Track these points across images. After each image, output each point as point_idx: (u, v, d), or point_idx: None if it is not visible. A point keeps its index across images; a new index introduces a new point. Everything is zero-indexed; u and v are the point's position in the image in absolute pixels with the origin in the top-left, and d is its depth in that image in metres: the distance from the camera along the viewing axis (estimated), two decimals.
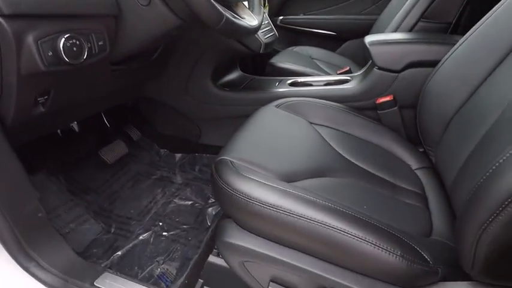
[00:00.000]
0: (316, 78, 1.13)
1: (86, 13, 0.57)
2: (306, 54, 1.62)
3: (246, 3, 0.81)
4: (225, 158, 0.63)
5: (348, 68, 1.19)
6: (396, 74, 0.88)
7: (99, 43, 0.61)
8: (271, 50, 1.14)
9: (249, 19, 0.68)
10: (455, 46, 0.74)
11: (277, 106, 0.88)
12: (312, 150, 0.74)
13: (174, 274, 0.85)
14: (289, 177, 0.62)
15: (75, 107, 0.81)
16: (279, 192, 0.53)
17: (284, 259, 0.54)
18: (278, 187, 0.54)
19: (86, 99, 0.79)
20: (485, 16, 0.69)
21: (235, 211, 0.56)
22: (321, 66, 1.53)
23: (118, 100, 1.02)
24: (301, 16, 1.79)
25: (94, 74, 0.69)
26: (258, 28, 0.68)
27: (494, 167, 0.41)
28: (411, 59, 0.86)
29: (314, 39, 1.81)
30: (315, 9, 1.79)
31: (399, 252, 0.47)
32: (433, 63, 0.82)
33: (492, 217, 0.38)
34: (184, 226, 1.00)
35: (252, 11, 0.75)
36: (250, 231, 0.57)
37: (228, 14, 0.59)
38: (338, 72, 1.20)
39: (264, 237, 0.56)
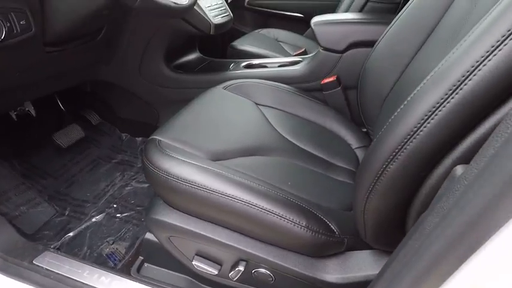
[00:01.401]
0: (271, 60, 1.13)
1: None
2: (272, 36, 1.61)
3: None
4: (155, 137, 0.64)
5: (303, 50, 1.20)
6: (340, 55, 0.90)
7: (21, 22, 0.60)
8: (225, 30, 1.13)
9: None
10: (389, 26, 0.75)
11: (225, 88, 0.89)
12: (251, 129, 0.76)
13: (123, 253, 0.87)
14: (218, 156, 0.64)
15: (14, 89, 0.80)
16: (196, 168, 0.55)
17: (204, 233, 0.56)
18: (196, 164, 0.56)
19: (25, 82, 0.79)
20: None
21: (158, 188, 0.58)
22: (286, 48, 1.53)
23: (70, 83, 1.01)
24: None
25: (25, 55, 0.69)
26: (187, 8, 0.67)
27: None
28: (353, 39, 0.87)
29: (283, 22, 1.80)
30: None
31: (304, 223, 0.50)
32: (372, 43, 0.83)
33: (371, 187, 0.41)
34: (139, 208, 1.02)
35: None
36: (174, 208, 0.59)
37: None
38: (294, 53, 1.21)
39: (186, 213, 0.58)
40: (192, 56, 1.22)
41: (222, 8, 1.10)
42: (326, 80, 0.91)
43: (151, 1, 0.58)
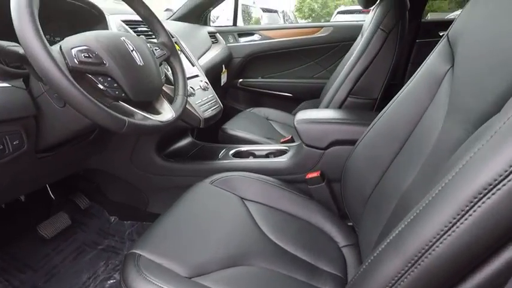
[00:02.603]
0: (259, 148, 1.18)
1: None
2: (263, 115, 1.69)
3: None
4: (135, 251, 0.63)
5: (290, 137, 1.25)
6: (322, 151, 0.94)
7: (14, 143, 0.64)
8: (215, 121, 1.19)
9: (164, 114, 0.73)
10: (368, 128, 0.80)
11: (212, 182, 0.91)
12: (235, 232, 0.76)
13: None
14: (198, 270, 0.63)
15: (3, 191, 0.81)
16: None
17: None
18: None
19: (14, 184, 0.80)
20: (391, 101, 0.76)
21: None
22: (276, 127, 1.60)
23: (62, 176, 1.03)
24: (260, 79, 1.90)
25: (15, 164, 0.71)
26: (171, 122, 0.72)
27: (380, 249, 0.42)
28: (334, 137, 0.92)
29: (272, 100, 1.91)
30: (272, 73, 1.91)
31: None
32: (353, 142, 0.88)
33: None
34: None
35: (174, 101, 0.81)
36: None
37: (135, 115, 0.64)
38: (281, 141, 1.26)
39: None
40: (184, 142, 1.26)
41: (213, 101, 1.17)
42: (310, 175, 0.93)
43: (138, 125, 0.62)
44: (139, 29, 1.06)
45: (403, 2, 1.05)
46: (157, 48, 0.80)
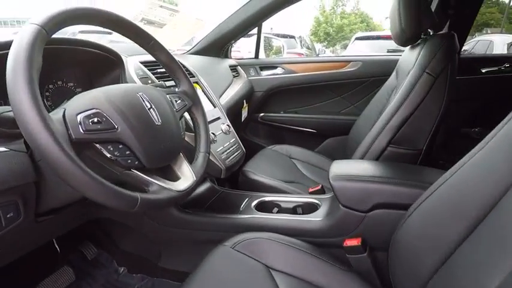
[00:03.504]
0: (285, 198, 1.05)
1: None
2: (285, 153, 1.58)
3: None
4: None
5: (319, 187, 1.12)
6: (363, 214, 0.80)
7: (8, 215, 0.54)
8: (237, 168, 1.09)
9: (183, 180, 0.62)
10: (422, 197, 0.66)
11: (234, 246, 0.79)
12: None
13: None
14: None
15: (3, 254, 0.72)
16: None
17: None
18: None
19: (13, 248, 0.70)
20: (457, 164, 0.61)
21: None
22: (300, 167, 1.48)
23: (65, 230, 0.94)
24: (282, 114, 1.80)
25: (11, 234, 0.61)
26: (191, 189, 0.62)
27: None
28: (378, 199, 0.78)
29: (295, 136, 1.80)
30: (296, 108, 1.81)
31: None
32: (402, 206, 0.74)
33: None
34: None
35: (195, 159, 0.70)
36: None
37: (149, 186, 0.54)
38: (310, 190, 1.13)
39: None
40: (202, 188, 1.15)
41: (235, 146, 1.07)
42: (349, 243, 0.80)
43: (152, 201, 0.52)
44: (158, 70, 0.98)
45: (452, 43, 0.94)
46: (177, 99, 0.70)
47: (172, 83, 0.83)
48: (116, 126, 0.51)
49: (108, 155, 0.50)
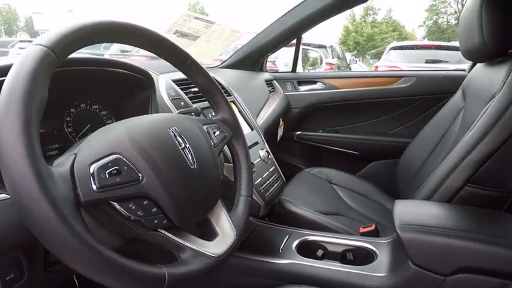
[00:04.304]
0: (332, 239, 0.89)
1: None
2: (325, 177, 1.42)
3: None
4: None
5: (373, 227, 0.95)
6: (443, 278, 0.63)
7: (7, 278, 0.43)
8: (277, 200, 0.95)
9: (221, 238, 0.49)
10: None
11: None
12: None
13: None
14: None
15: None
16: None
17: None
18: None
19: None
20: None
21: None
22: (342, 194, 1.31)
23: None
24: (320, 133, 1.64)
25: None
26: (232, 250, 0.48)
27: None
28: (464, 262, 0.61)
29: (334, 157, 1.64)
30: (336, 126, 1.65)
31: None
32: (500, 274, 0.57)
33: None
34: None
35: (234, 206, 0.57)
36: None
37: (180, 253, 0.41)
38: (361, 231, 0.96)
39: None
40: None
41: (274, 176, 0.93)
42: None
43: (183, 276, 0.39)
44: (192, 89, 0.87)
45: None
46: (216, 129, 0.58)
47: (206, 103, 0.71)
48: (141, 177, 0.39)
49: (129, 215, 0.38)
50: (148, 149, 0.41)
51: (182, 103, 0.79)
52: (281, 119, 1.49)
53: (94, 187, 0.35)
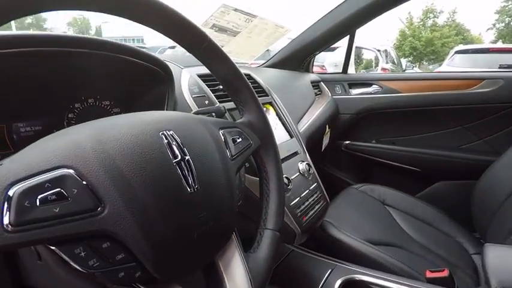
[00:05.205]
0: (388, 284, 0.69)
1: None
2: (377, 197, 1.20)
3: None
4: None
5: (445, 273, 0.72)
6: None
7: None
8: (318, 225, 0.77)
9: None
10: None
11: None
12: None
13: None
14: None
15: None
16: None
17: None
18: None
19: None
20: None
21: None
22: (398, 219, 1.09)
23: None
24: (373, 143, 1.41)
25: None
26: None
27: None
28: None
29: (388, 173, 1.40)
30: (393, 137, 1.41)
31: None
32: None
33: None
34: None
35: (256, 244, 0.40)
36: None
37: None
38: (428, 275, 0.74)
39: None
40: None
41: (316, 195, 0.75)
42: None
43: None
44: (221, 87, 0.73)
45: None
46: (237, 136, 0.43)
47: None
48: (101, 205, 0.25)
49: (75, 266, 0.24)
50: (121, 162, 0.27)
51: (206, 102, 0.66)
52: (327, 126, 1.30)
53: (5, 222, 0.21)
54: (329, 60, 1.53)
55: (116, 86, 0.61)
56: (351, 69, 1.50)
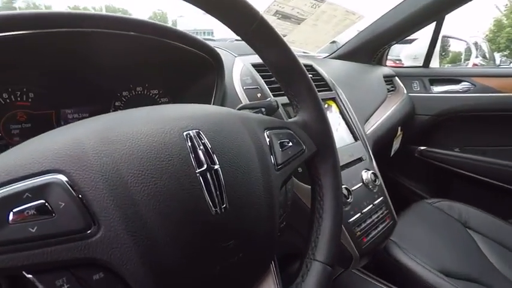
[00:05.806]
0: None
1: None
2: (456, 216, 1.01)
3: None
4: None
5: None
6: None
7: None
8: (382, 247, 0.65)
9: None
10: None
11: None
12: None
13: None
14: None
15: None
16: None
17: None
18: None
19: None
20: None
21: None
22: (483, 248, 0.90)
23: None
24: (456, 152, 1.19)
25: None
26: None
27: None
28: None
29: (473, 188, 1.17)
30: (482, 145, 1.17)
31: None
32: None
33: None
34: None
35: (302, 281, 0.32)
36: None
37: None
38: None
39: None
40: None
41: (382, 213, 0.63)
42: None
43: None
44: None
45: None
46: (287, 139, 0.34)
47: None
48: (94, 226, 0.19)
49: None
50: (126, 170, 0.21)
51: (259, 95, 0.58)
52: (399, 128, 1.13)
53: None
54: (406, 52, 1.32)
55: (165, 75, 0.58)
56: (435, 63, 1.28)
